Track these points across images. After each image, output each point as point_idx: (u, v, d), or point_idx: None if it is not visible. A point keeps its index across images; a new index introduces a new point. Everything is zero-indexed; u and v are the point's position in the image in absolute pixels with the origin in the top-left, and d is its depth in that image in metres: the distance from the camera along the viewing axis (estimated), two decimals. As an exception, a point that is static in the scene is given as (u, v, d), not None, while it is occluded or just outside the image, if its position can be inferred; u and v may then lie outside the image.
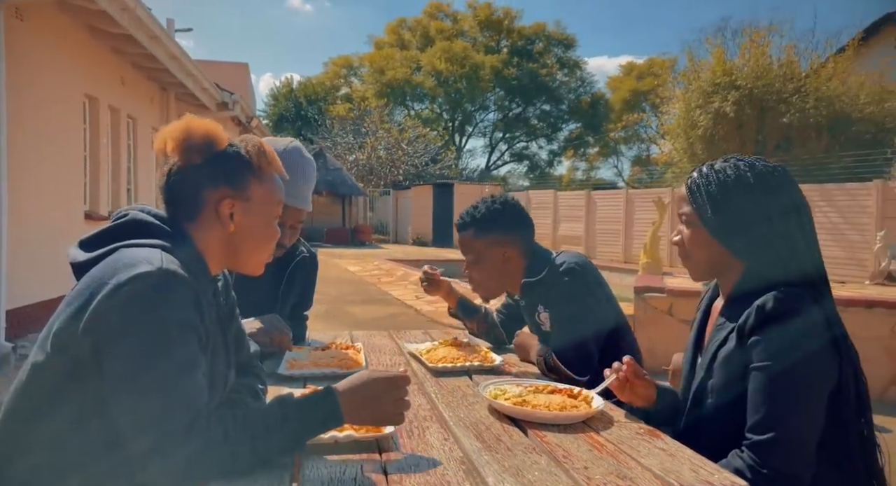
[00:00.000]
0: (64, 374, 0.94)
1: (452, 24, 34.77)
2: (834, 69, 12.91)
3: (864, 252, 9.88)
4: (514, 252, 1.79)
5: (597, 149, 36.58)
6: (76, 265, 1.03)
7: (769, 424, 1.10)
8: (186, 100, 9.63)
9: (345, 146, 25.59)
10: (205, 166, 1.07)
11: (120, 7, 5.73)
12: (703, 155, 14.04)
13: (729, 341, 1.19)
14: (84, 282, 0.96)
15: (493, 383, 1.42)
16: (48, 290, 5.53)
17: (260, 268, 1.17)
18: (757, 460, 1.09)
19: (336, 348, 1.78)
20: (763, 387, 1.12)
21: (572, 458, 1.06)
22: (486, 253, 1.78)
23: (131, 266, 0.92)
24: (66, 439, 0.95)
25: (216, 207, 1.07)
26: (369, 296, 9.30)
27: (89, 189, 7.11)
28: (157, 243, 1.00)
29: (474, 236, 1.79)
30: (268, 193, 1.11)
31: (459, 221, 1.83)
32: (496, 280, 1.83)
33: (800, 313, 1.12)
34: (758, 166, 1.24)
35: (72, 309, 0.93)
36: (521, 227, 1.82)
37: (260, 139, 1.14)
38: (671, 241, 1.35)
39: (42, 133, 5.71)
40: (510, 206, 1.83)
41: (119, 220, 1.07)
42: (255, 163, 1.09)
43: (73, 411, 0.95)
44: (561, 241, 16.35)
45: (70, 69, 6.35)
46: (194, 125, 1.07)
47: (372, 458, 1.05)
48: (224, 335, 1.15)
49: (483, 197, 1.88)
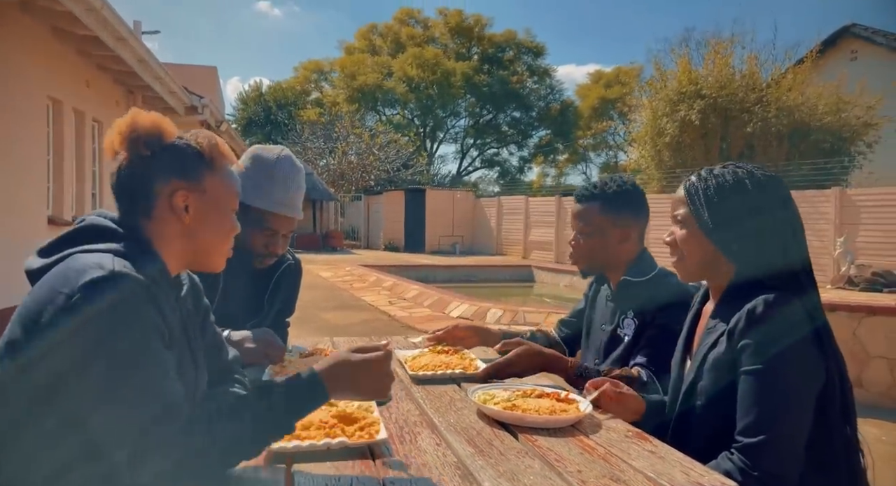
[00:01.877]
0: (20, 389, 0.89)
1: (423, 31, 34.85)
2: (793, 80, 13.37)
3: (824, 257, 10.21)
4: (632, 236, 1.75)
5: (566, 155, 37.04)
6: (31, 273, 0.98)
7: (759, 427, 1.12)
8: (154, 103, 9.44)
9: (315, 151, 25.40)
10: (154, 159, 1.03)
11: (86, 8, 5.60)
12: (670, 162, 14.35)
13: (719, 344, 1.22)
14: (36, 291, 0.92)
15: (480, 388, 1.43)
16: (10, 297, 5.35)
17: (220, 264, 1.13)
18: (747, 462, 1.12)
19: (320, 355, 1.76)
20: (753, 390, 1.14)
21: (565, 462, 1.07)
22: (607, 229, 1.73)
23: (82, 272, 0.89)
24: (39, 453, 0.90)
25: (169, 199, 1.03)
26: (342, 302, 9.22)
27: (53, 194, 6.91)
28: (110, 248, 0.97)
29: (601, 210, 1.74)
30: (223, 185, 1.08)
31: (585, 192, 1.77)
32: (603, 258, 1.76)
33: (789, 317, 1.15)
34: (756, 173, 1.27)
35: (26, 320, 0.89)
36: (644, 213, 1.79)
37: (211, 133, 1.11)
38: (663, 241, 1.38)
39: (3, 136, 5.53)
40: (639, 190, 1.80)
41: (77, 226, 1.04)
42: (208, 154, 1.06)
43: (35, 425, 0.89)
44: (532, 246, 16.50)
45: (33, 71, 6.17)
46: (140, 118, 1.04)
47: (366, 464, 1.04)
48: (188, 338, 1.11)
49: (610, 175, 1.84)
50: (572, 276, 12.62)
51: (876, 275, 9.46)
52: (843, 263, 9.98)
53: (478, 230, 19.73)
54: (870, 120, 13.03)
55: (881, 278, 9.40)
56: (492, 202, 19.43)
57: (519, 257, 16.67)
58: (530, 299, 11.67)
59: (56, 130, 6.93)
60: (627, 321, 1.73)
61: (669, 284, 1.69)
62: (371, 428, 1.12)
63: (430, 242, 19.60)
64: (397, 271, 12.55)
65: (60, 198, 7.01)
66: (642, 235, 1.80)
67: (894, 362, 4.21)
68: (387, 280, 10.87)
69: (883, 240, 10.00)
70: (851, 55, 15.41)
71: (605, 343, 1.77)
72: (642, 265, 1.75)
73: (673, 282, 1.70)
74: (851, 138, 13.25)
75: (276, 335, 1.69)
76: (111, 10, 5.92)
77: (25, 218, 6.00)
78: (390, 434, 1.17)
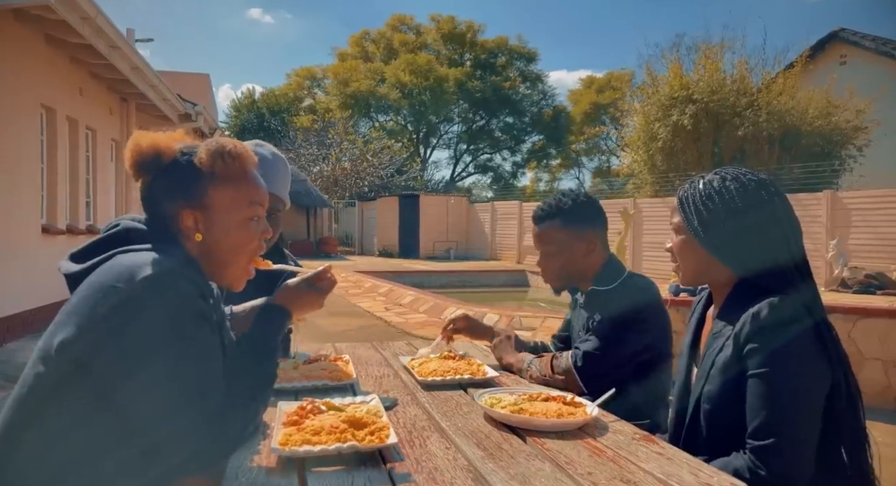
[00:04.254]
0: (69, 384, 0.90)
1: (416, 37, 34.95)
2: (784, 84, 13.48)
3: (817, 260, 10.28)
4: (597, 246, 1.78)
5: (559, 160, 37.20)
6: (70, 276, 1.00)
7: (769, 429, 1.13)
8: (147, 111, 9.43)
9: (309, 158, 25.37)
10: (158, 181, 1.05)
11: (80, 16, 5.59)
12: (663, 166, 14.43)
13: (725, 348, 1.22)
14: (84, 290, 0.93)
15: (486, 392, 1.44)
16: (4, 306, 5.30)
17: (242, 279, 1.13)
18: (758, 463, 1.12)
19: (324, 361, 1.76)
20: (762, 393, 1.15)
21: (575, 464, 1.08)
22: (570, 245, 1.76)
23: (134, 269, 0.91)
24: (73, 442, 0.91)
25: (177, 219, 1.05)
26: (338, 308, 9.20)
27: (46, 202, 6.87)
28: (153, 248, 0.99)
29: (561, 227, 1.76)
30: (233, 196, 1.06)
31: (542, 212, 1.80)
32: (572, 272, 1.80)
33: (793, 318, 1.16)
34: (742, 178, 1.29)
35: (79, 319, 0.90)
36: (602, 222, 1.82)
37: (225, 139, 1.10)
38: (665, 248, 1.40)
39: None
40: (594, 200, 1.82)
41: (111, 230, 1.05)
42: (208, 168, 1.04)
43: (79, 416, 0.91)
44: (526, 251, 16.52)
45: (26, 79, 6.15)
46: (140, 141, 1.05)
47: (377, 468, 1.05)
48: (222, 340, 1.13)
49: (562, 190, 1.88)
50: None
51: (869, 277, 9.53)
52: (837, 265, 10.05)
53: (472, 235, 19.75)
54: (860, 124, 13.15)
55: (874, 280, 9.47)
56: (486, 207, 19.47)
57: (513, 261, 16.68)
58: (526, 303, 11.68)
59: (49, 139, 6.90)
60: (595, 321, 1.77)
61: (635, 289, 1.73)
62: (381, 432, 1.13)
63: (424, 247, 19.60)
64: (392, 277, 12.53)
65: (54, 206, 6.97)
66: (605, 243, 1.83)
67: (889, 363, 4.24)
68: (382, 286, 10.86)
69: (874, 242, 10.09)
70: (841, 60, 15.56)
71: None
72: (609, 274, 1.78)
73: (639, 285, 1.75)
74: (842, 142, 13.37)
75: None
76: (105, 19, 5.92)
77: (19, 227, 5.96)
78: (400, 439, 1.17)
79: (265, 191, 1.13)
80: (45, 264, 6.12)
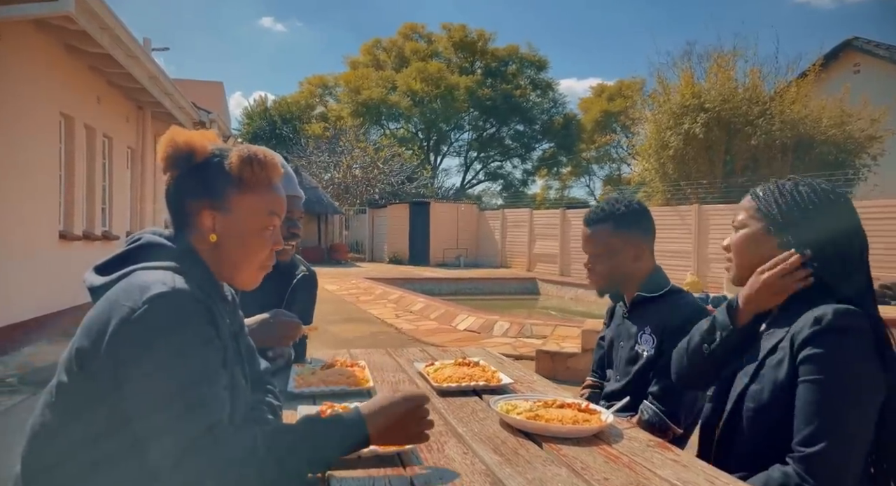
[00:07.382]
0: (87, 393, 0.95)
1: (427, 46, 35.18)
2: (797, 93, 13.42)
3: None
4: (645, 253, 1.80)
5: (569, 168, 37.18)
6: (93, 289, 1.05)
7: (820, 437, 1.10)
8: (163, 118, 9.55)
9: (320, 165, 25.55)
10: (186, 177, 1.08)
11: (99, 26, 5.70)
12: (675, 174, 14.39)
13: (779, 349, 1.21)
14: (101, 305, 0.98)
15: (502, 398, 1.45)
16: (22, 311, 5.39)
17: (250, 281, 1.15)
18: (805, 472, 1.10)
19: (340, 366, 1.79)
20: (815, 400, 1.12)
21: (591, 470, 1.10)
22: (620, 249, 1.77)
23: (146, 288, 0.94)
24: (92, 452, 0.95)
25: (196, 217, 1.08)
26: (349, 315, 9.24)
27: (64, 208, 6.98)
28: (169, 266, 1.02)
29: (612, 231, 1.78)
30: (255, 204, 1.09)
31: (594, 215, 1.82)
32: (620, 277, 1.80)
33: (855, 327, 1.15)
34: (827, 187, 1.30)
35: (93, 332, 0.95)
36: (652, 231, 1.84)
37: (256, 147, 1.13)
38: (722, 246, 1.40)
39: (17, 151, 5.60)
40: (645, 208, 1.85)
41: (133, 244, 1.10)
42: (237, 174, 1.07)
43: (98, 426, 0.96)
44: (537, 258, 16.52)
45: (46, 87, 6.27)
46: (176, 136, 1.09)
47: (397, 472, 1.07)
48: (239, 351, 1.16)
49: (615, 196, 1.89)
50: (577, 288, 12.63)
51: (884, 287, 9.42)
52: (850, 275, 9.93)
53: (482, 243, 19.76)
54: (874, 133, 13.06)
55: (888, 291, 9.37)
56: (496, 215, 19.48)
57: (523, 269, 16.67)
58: (536, 311, 11.66)
59: (67, 146, 7.02)
60: (645, 337, 1.75)
61: (684, 301, 1.74)
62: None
63: (434, 254, 19.63)
64: (403, 284, 12.57)
65: (71, 212, 7.08)
66: (652, 253, 1.85)
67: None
68: (393, 293, 10.89)
69: (889, 252, 9.98)
70: (854, 68, 15.48)
71: (624, 360, 1.80)
72: (655, 281, 1.80)
73: (687, 299, 1.76)
74: (856, 151, 13.27)
75: (289, 313, 1.69)
76: (124, 29, 6.03)
77: (38, 232, 6.06)
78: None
79: (285, 203, 1.16)
80: (62, 269, 6.22)
